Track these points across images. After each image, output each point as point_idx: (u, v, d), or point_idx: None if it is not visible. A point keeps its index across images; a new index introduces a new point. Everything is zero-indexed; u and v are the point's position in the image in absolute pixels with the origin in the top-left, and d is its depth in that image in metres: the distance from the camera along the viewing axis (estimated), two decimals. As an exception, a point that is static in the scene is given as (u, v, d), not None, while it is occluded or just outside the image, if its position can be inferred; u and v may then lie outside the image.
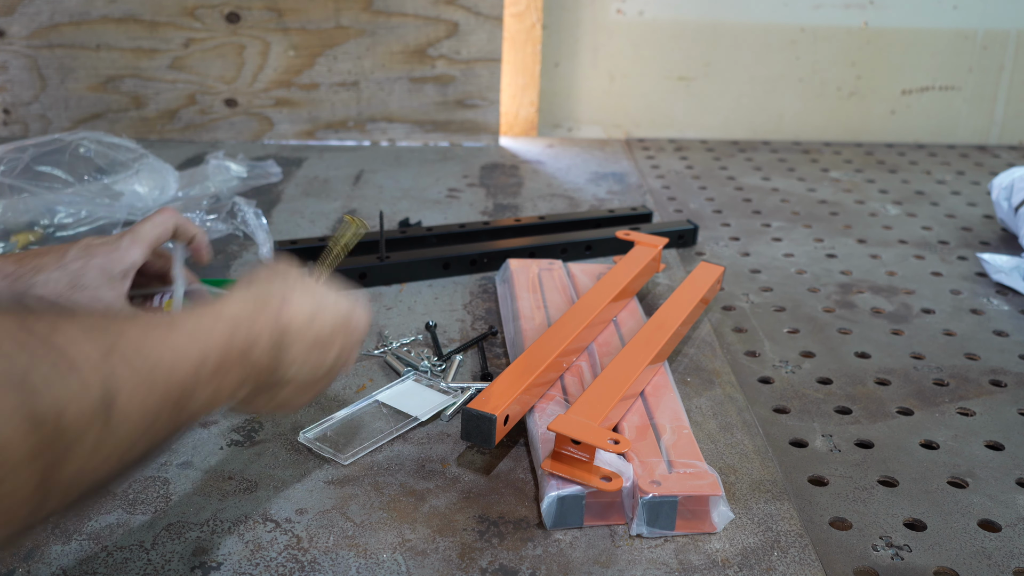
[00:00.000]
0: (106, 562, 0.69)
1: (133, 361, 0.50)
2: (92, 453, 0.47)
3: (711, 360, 1.02)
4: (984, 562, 0.73)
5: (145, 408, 0.50)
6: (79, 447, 0.46)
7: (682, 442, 0.80)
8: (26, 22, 1.65)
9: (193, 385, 0.55)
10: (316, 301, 0.68)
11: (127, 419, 0.49)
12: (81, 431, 0.46)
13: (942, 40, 1.89)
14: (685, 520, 0.74)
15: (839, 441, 0.89)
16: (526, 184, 1.59)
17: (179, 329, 0.56)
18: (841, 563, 0.73)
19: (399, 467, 0.82)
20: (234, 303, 0.62)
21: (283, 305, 0.65)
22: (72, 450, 0.45)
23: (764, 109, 1.93)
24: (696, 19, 1.86)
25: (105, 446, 0.48)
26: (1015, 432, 0.92)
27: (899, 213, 1.53)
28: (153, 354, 0.52)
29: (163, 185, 1.36)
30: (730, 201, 1.56)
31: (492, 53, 1.72)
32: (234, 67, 1.70)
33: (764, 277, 1.26)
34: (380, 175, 1.60)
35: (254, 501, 0.76)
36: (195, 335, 0.56)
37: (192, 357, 0.55)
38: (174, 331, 0.55)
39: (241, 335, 0.60)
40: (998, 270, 1.25)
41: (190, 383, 0.54)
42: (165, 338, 0.54)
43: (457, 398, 0.91)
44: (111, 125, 1.72)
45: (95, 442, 0.47)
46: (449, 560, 0.71)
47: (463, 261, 1.21)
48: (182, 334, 0.55)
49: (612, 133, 1.94)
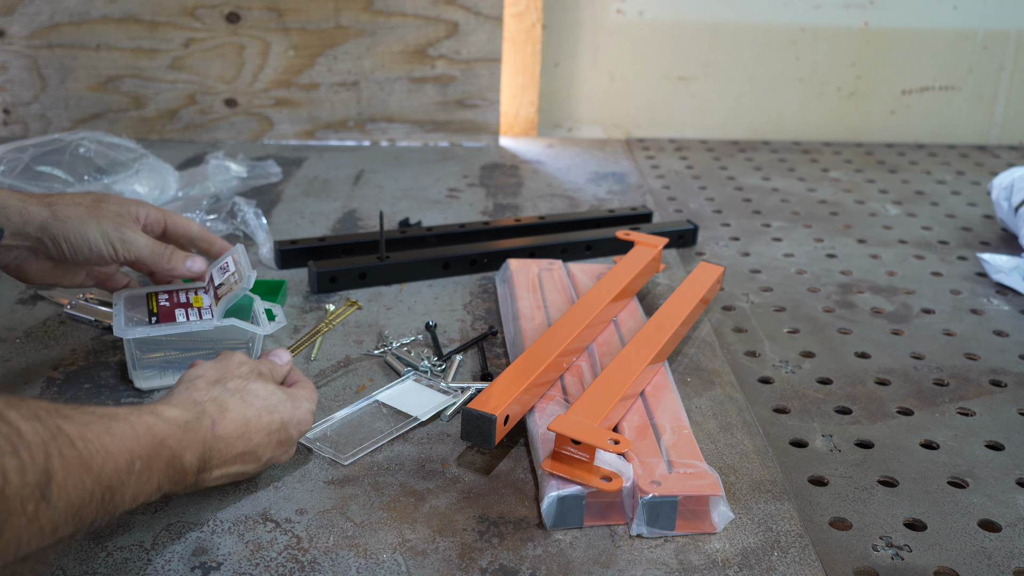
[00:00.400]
0: (106, 562, 0.69)
1: (74, 446, 0.55)
2: (28, 524, 0.51)
3: (711, 360, 1.02)
4: (984, 562, 0.73)
5: (80, 491, 0.55)
6: (17, 518, 0.50)
7: (682, 442, 0.80)
8: (26, 22, 1.65)
9: (122, 480, 0.59)
10: (251, 415, 0.73)
11: (62, 498, 0.53)
12: (22, 502, 0.50)
13: (942, 40, 1.89)
14: (685, 520, 0.74)
15: (839, 441, 0.89)
16: (526, 184, 1.59)
17: (116, 429, 0.60)
18: (841, 563, 0.73)
19: (399, 467, 0.82)
20: (171, 410, 0.67)
21: (216, 422, 0.70)
22: (10, 519, 0.49)
23: (764, 109, 1.93)
24: (696, 19, 1.86)
25: (40, 520, 0.52)
26: (1015, 432, 0.92)
27: (899, 213, 1.53)
28: (91, 446, 0.56)
29: (163, 185, 1.36)
30: (730, 201, 1.56)
31: (492, 53, 1.72)
32: (234, 67, 1.70)
33: (764, 277, 1.26)
34: (380, 175, 1.60)
35: (254, 501, 0.76)
36: (129, 438, 0.61)
37: (124, 456, 0.59)
38: (112, 429, 0.60)
39: (170, 445, 0.65)
40: (998, 270, 1.25)
41: (120, 478, 0.59)
42: (103, 434, 0.58)
43: (457, 398, 0.91)
44: (111, 125, 1.72)
45: (32, 514, 0.51)
46: (449, 560, 0.71)
47: (463, 261, 1.21)
48: (118, 434, 0.60)
49: (612, 133, 1.94)
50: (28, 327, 1.04)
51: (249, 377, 0.76)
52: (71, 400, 0.90)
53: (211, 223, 1.26)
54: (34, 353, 0.99)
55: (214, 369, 0.75)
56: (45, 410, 0.55)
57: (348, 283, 1.15)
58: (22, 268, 0.89)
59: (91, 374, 0.95)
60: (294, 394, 0.78)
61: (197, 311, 0.91)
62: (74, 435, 0.55)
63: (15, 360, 0.97)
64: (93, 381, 0.93)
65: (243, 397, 0.73)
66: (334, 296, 1.14)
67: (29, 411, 0.53)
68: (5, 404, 0.51)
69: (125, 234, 0.88)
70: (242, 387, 0.74)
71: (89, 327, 1.03)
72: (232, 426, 0.71)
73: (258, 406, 0.73)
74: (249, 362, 0.78)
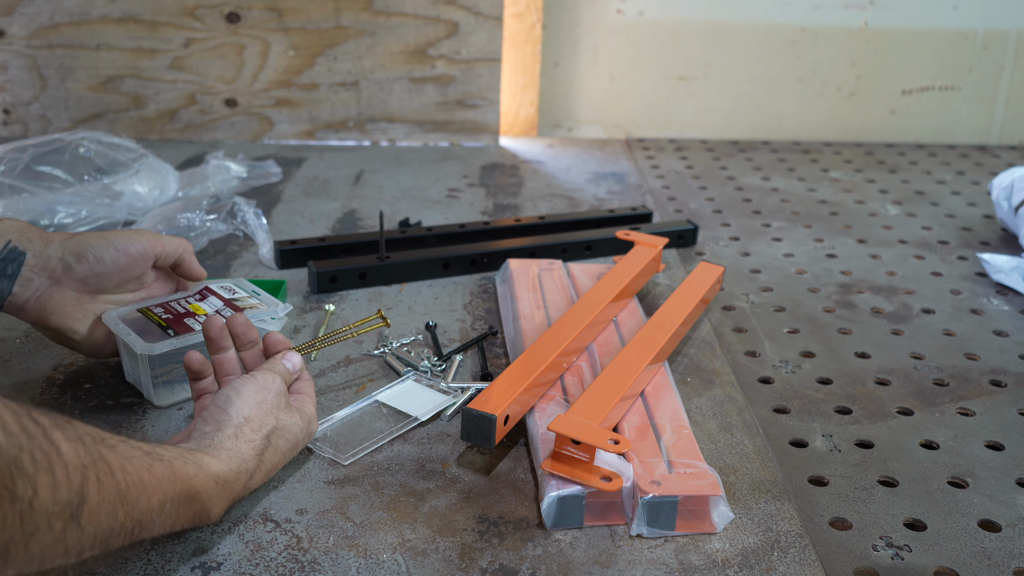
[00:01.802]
0: (106, 562, 0.69)
1: (113, 476, 0.55)
2: (54, 543, 0.51)
3: (711, 360, 1.02)
4: (984, 562, 0.73)
5: (112, 519, 0.55)
6: (43, 533, 0.50)
7: (682, 442, 0.80)
8: (26, 22, 1.65)
9: (152, 518, 0.60)
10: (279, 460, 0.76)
11: (92, 523, 0.53)
12: (49, 519, 0.50)
13: (942, 40, 1.89)
14: (685, 520, 0.74)
15: (839, 441, 0.89)
16: (526, 184, 1.59)
17: (157, 469, 0.60)
18: (841, 563, 0.73)
19: (399, 467, 0.82)
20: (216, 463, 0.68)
21: (253, 476, 0.72)
22: (36, 534, 0.49)
23: (764, 109, 1.93)
24: (696, 19, 1.86)
25: (67, 540, 0.52)
26: (1015, 432, 0.92)
27: (899, 213, 1.53)
28: (130, 479, 0.57)
29: (163, 185, 1.36)
30: (730, 201, 1.56)
31: (492, 53, 1.72)
32: (234, 67, 1.70)
33: (764, 277, 1.26)
34: (380, 175, 1.60)
35: (254, 501, 0.76)
36: (167, 481, 0.61)
37: (158, 496, 0.60)
38: (153, 468, 0.60)
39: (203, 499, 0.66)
40: (998, 270, 1.25)
41: (151, 516, 0.59)
42: (143, 471, 0.59)
43: (457, 398, 0.91)
44: (111, 125, 1.72)
45: (59, 533, 0.51)
46: (449, 560, 0.71)
47: (463, 261, 1.21)
48: (157, 475, 0.60)
49: (612, 133, 1.94)
50: (28, 327, 1.03)
51: (283, 411, 0.77)
52: (74, 403, 0.90)
53: (211, 223, 1.26)
54: (34, 353, 0.99)
55: (257, 406, 0.75)
56: (91, 436, 0.55)
57: (348, 283, 1.15)
58: (43, 301, 0.85)
59: (91, 374, 0.95)
60: (304, 411, 0.79)
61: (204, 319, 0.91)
62: (115, 465, 0.56)
63: (15, 360, 0.97)
64: (93, 381, 0.93)
65: (278, 445, 0.75)
66: (333, 296, 1.14)
67: (74, 434, 0.53)
68: (52, 424, 0.51)
69: (145, 231, 0.89)
70: (281, 432, 0.76)
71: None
72: (264, 477, 0.74)
73: (286, 449, 0.76)
74: (282, 390, 0.78)
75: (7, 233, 0.84)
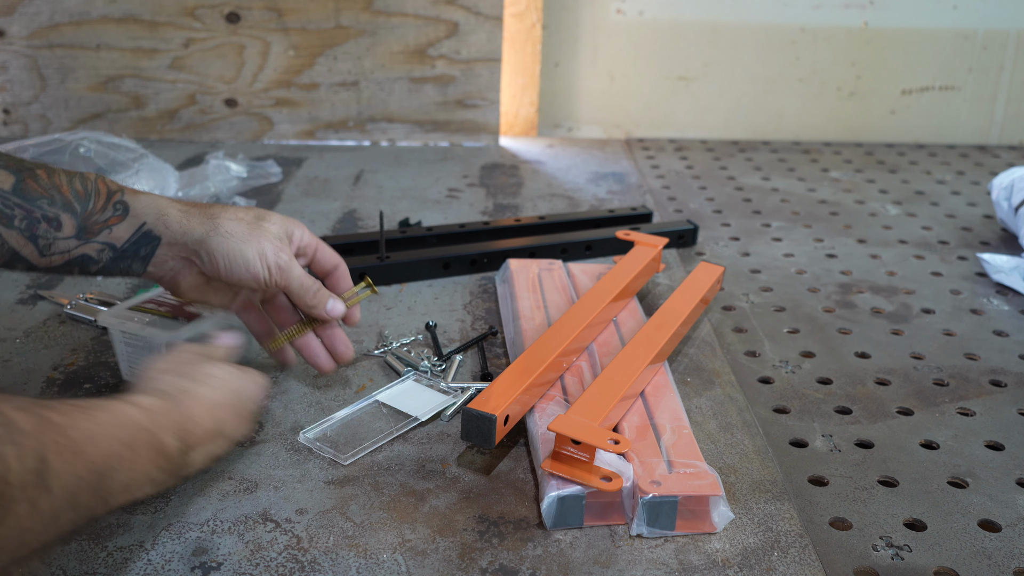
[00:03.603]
0: (106, 562, 0.69)
1: (64, 434, 0.55)
2: (31, 512, 0.51)
3: (711, 360, 1.02)
4: (984, 562, 0.73)
5: (74, 476, 0.55)
6: (19, 504, 0.50)
7: (682, 442, 0.80)
8: (26, 22, 1.65)
9: (111, 465, 0.59)
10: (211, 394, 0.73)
11: (58, 484, 0.53)
12: (23, 488, 0.50)
13: (942, 40, 1.89)
14: (685, 520, 0.74)
15: (839, 441, 0.89)
16: (526, 184, 1.59)
17: (98, 418, 0.60)
18: (841, 563, 0.73)
19: (399, 467, 0.82)
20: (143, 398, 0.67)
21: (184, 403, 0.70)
22: (13, 506, 0.50)
23: (764, 109, 1.93)
24: (696, 19, 1.86)
25: (41, 507, 0.52)
26: (1015, 432, 0.92)
27: (899, 213, 1.53)
28: (78, 433, 0.57)
29: (163, 185, 1.36)
30: (730, 201, 1.56)
31: (492, 53, 1.72)
32: (234, 67, 1.70)
33: (764, 277, 1.26)
34: (380, 175, 1.60)
35: (254, 501, 0.76)
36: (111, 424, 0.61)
37: (109, 440, 0.60)
38: (95, 418, 0.60)
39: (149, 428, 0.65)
40: (998, 270, 1.25)
41: (109, 463, 0.59)
42: (87, 422, 0.59)
43: (457, 398, 0.91)
44: (111, 125, 1.72)
45: (33, 500, 0.51)
46: (449, 560, 0.71)
47: (463, 261, 1.21)
48: (101, 422, 0.60)
49: (612, 133, 1.94)
50: (28, 327, 1.04)
51: (201, 363, 0.75)
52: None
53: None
54: (34, 353, 0.99)
55: (168, 362, 0.75)
56: (29, 402, 0.56)
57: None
58: (176, 279, 0.85)
59: (91, 374, 0.95)
60: (246, 369, 0.78)
61: None
62: (61, 423, 0.56)
63: (15, 360, 0.97)
64: (93, 381, 0.93)
65: (202, 380, 0.73)
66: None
67: (17, 403, 0.54)
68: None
69: (282, 259, 0.84)
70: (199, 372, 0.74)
71: (89, 327, 1.03)
72: (199, 406, 0.71)
73: (216, 386, 0.74)
74: (198, 349, 0.78)
75: (143, 214, 0.82)
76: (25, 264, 0.79)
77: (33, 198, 0.77)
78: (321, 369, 0.90)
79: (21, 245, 0.77)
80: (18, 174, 0.77)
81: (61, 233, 0.79)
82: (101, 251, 0.81)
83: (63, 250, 0.79)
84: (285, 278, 0.84)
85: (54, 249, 0.79)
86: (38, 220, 0.77)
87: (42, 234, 0.78)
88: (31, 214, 0.77)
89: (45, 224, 0.78)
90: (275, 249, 0.83)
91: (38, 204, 0.77)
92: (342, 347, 0.90)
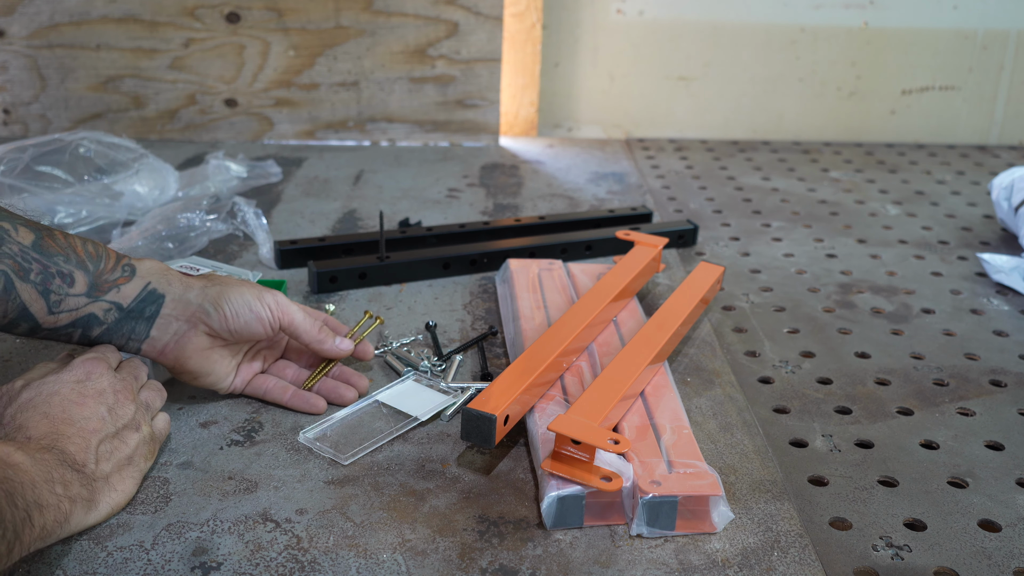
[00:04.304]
0: (106, 562, 0.69)
1: None
2: None
3: (711, 360, 1.02)
4: (984, 562, 0.73)
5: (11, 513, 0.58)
6: None
7: (682, 442, 0.80)
8: (26, 22, 1.65)
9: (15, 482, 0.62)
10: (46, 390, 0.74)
11: None
12: None
13: (942, 40, 1.89)
14: (685, 520, 0.74)
15: (839, 441, 0.89)
16: (526, 184, 1.59)
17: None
18: (841, 563, 0.73)
19: (399, 467, 0.82)
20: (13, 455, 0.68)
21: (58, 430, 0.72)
22: None
23: (764, 109, 1.93)
24: (696, 19, 1.86)
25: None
26: (1015, 432, 0.92)
27: (899, 213, 1.53)
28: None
29: (163, 185, 1.36)
30: (730, 201, 1.56)
31: (492, 53, 1.72)
32: (234, 67, 1.70)
33: (764, 277, 1.26)
34: (380, 175, 1.60)
35: (254, 501, 0.76)
36: None
37: None
38: None
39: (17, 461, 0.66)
40: (998, 270, 1.25)
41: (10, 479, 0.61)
42: None
43: (457, 398, 0.91)
44: (111, 125, 1.72)
45: None
46: (449, 560, 0.71)
47: (463, 261, 1.21)
48: None
49: (612, 133, 1.94)
50: (28, 327, 1.04)
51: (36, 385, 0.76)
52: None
53: (211, 223, 1.26)
54: (34, 353, 0.99)
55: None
56: None
57: (348, 283, 1.15)
58: (182, 345, 0.84)
59: (91, 374, 0.95)
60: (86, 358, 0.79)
61: None
62: None
63: (15, 360, 0.97)
64: (93, 381, 0.93)
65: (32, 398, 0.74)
66: (333, 296, 1.14)
67: None
68: None
69: (280, 299, 0.86)
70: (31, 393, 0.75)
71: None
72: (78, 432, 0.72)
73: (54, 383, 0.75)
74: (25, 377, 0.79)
75: (148, 275, 0.83)
76: (29, 323, 0.79)
77: (51, 255, 0.79)
78: (346, 402, 0.91)
79: (32, 300, 0.78)
80: (38, 232, 0.79)
81: (73, 290, 0.80)
82: (108, 311, 0.81)
83: (72, 307, 0.80)
84: (287, 313, 0.86)
85: (63, 306, 0.79)
86: (53, 276, 0.79)
87: (55, 289, 0.79)
88: (47, 269, 0.78)
89: (59, 280, 0.79)
90: (270, 292, 0.86)
91: (55, 260, 0.79)
92: (355, 379, 0.93)
